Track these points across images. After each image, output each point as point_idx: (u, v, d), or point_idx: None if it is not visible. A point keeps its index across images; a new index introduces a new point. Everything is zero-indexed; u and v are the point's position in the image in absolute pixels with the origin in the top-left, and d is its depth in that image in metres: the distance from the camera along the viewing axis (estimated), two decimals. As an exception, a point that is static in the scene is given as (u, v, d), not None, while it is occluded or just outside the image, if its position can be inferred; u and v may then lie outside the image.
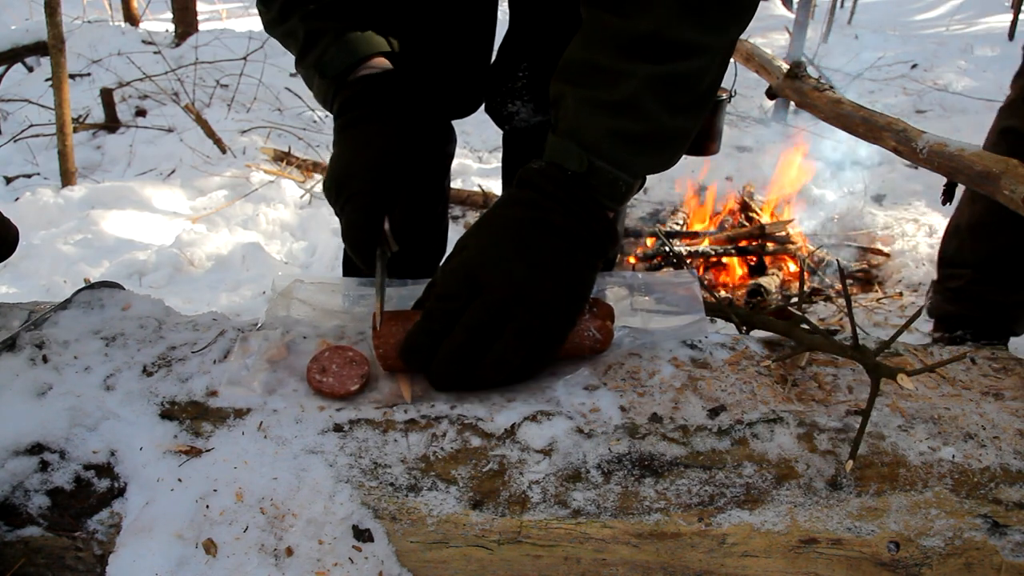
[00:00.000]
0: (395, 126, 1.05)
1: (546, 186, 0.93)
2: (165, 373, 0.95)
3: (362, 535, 0.80)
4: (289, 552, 0.79)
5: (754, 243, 2.99)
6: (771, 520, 0.81)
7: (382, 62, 1.11)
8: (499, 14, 1.41)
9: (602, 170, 0.93)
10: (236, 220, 3.37)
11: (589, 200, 0.94)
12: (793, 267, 2.92)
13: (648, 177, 1.09)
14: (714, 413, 0.89)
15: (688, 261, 2.87)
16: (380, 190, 1.00)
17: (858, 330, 0.93)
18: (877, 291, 2.82)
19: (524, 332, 0.89)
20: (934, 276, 2.13)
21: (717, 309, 1.17)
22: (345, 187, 1.01)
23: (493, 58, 1.41)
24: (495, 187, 3.74)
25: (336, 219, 1.05)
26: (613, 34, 0.91)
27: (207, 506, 0.80)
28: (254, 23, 7.86)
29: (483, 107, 1.45)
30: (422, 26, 1.26)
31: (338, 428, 0.87)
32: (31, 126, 4.40)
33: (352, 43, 1.09)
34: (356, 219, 0.99)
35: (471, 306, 0.89)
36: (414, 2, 1.24)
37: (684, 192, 3.71)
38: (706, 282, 2.85)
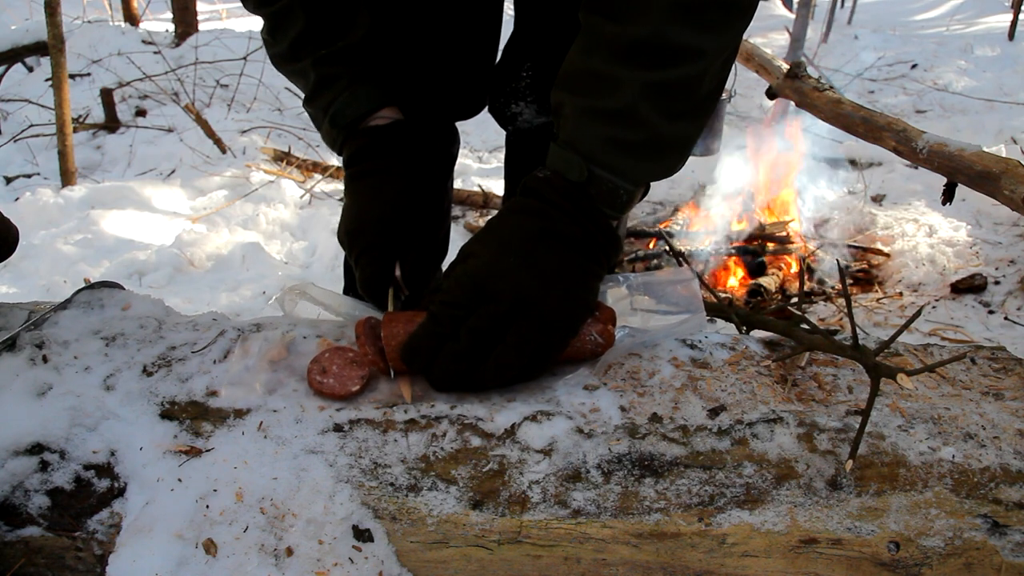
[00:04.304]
0: (404, 179, 1.08)
1: (551, 195, 0.94)
2: (165, 373, 0.95)
3: (362, 535, 0.80)
4: (289, 552, 0.79)
5: (754, 243, 2.99)
6: (771, 520, 0.81)
7: (393, 112, 1.12)
8: (504, 15, 1.41)
9: (601, 179, 0.93)
10: (236, 220, 3.37)
11: (592, 209, 0.94)
12: (794, 267, 2.92)
13: (649, 190, 1.09)
14: (714, 413, 0.89)
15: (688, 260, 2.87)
16: (389, 243, 1.06)
17: (858, 330, 0.93)
18: (877, 291, 2.82)
19: (526, 340, 0.90)
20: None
21: (717, 309, 1.17)
22: (357, 241, 1.07)
23: (498, 59, 1.41)
24: (495, 187, 3.75)
25: (335, 219, 1.07)
26: (609, 40, 0.91)
27: (207, 506, 0.80)
28: (254, 23, 7.85)
29: (486, 108, 1.45)
30: (427, 27, 1.26)
31: (338, 428, 0.87)
32: (31, 126, 4.41)
33: (363, 93, 1.10)
34: (369, 272, 1.05)
35: (476, 312, 0.90)
36: (420, 3, 1.24)
37: (684, 192, 3.71)
38: (706, 280, 2.85)
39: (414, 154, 1.10)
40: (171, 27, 6.52)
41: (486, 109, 1.45)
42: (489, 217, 1.08)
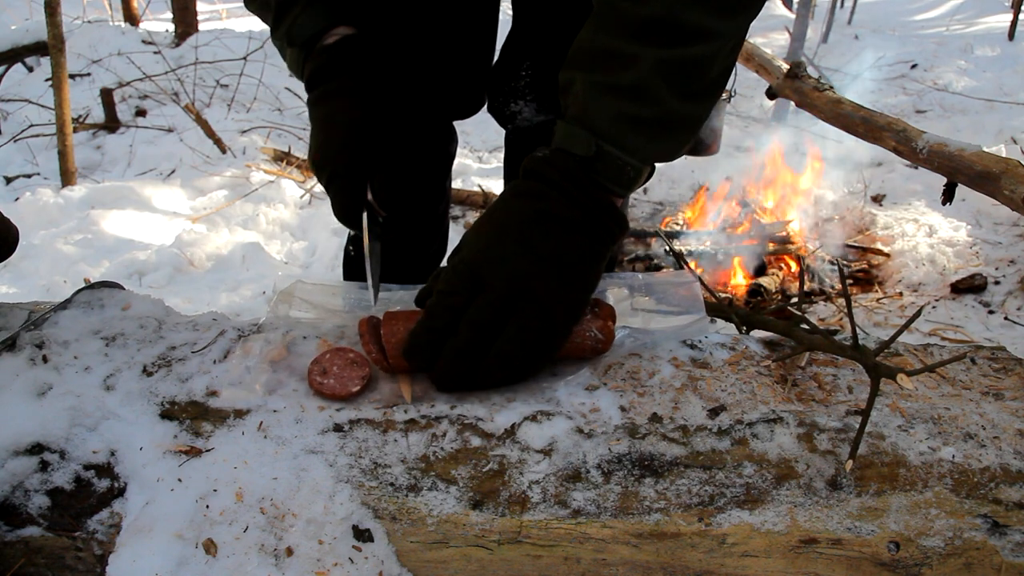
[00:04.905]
0: (360, 97, 1.07)
1: (551, 175, 0.93)
2: (165, 373, 0.95)
3: (362, 535, 0.80)
4: (289, 552, 0.79)
5: (754, 243, 2.99)
6: (771, 520, 0.81)
7: (346, 29, 1.11)
8: (502, 14, 1.41)
9: (610, 155, 0.93)
10: (236, 220, 3.37)
11: (595, 187, 0.93)
12: (794, 267, 2.93)
13: (654, 172, 1.09)
14: (714, 413, 0.89)
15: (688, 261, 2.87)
16: (354, 165, 1.04)
17: (858, 330, 0.93)
18: (877, 291, 2.82)
19: (527, 328, 0.89)
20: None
21: (717, 309, 1.17)
22: (323, 168, 1.06)
23: (496, 58, 1.41)
24: (495, 187, 3.75)
25: (335, 219, 1.08)
26: (624, 18, 0.91)
27: (207, 506, 0.80)
28: (254, 23, 7.86)
29: (485, 107, 1.45)
30: (425, 26, 1.26)
31: (338, 428, 0.87)
32: (31, 126, 4.41)
33: (320, 10, 1.10)
34: (340, 198, 1.04)
35: (473, 303, 0.89)
36: (417, 3, 1.24)
37: (684, 192, 3.71)
38: (705, 280, 2.85)
39: (367, 68, 1.09)
40: (171, 27, 6.51)
41: (485, 108, 1.45)
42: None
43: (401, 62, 1.24)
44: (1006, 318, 2.51)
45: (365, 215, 1.04)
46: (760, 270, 2.93)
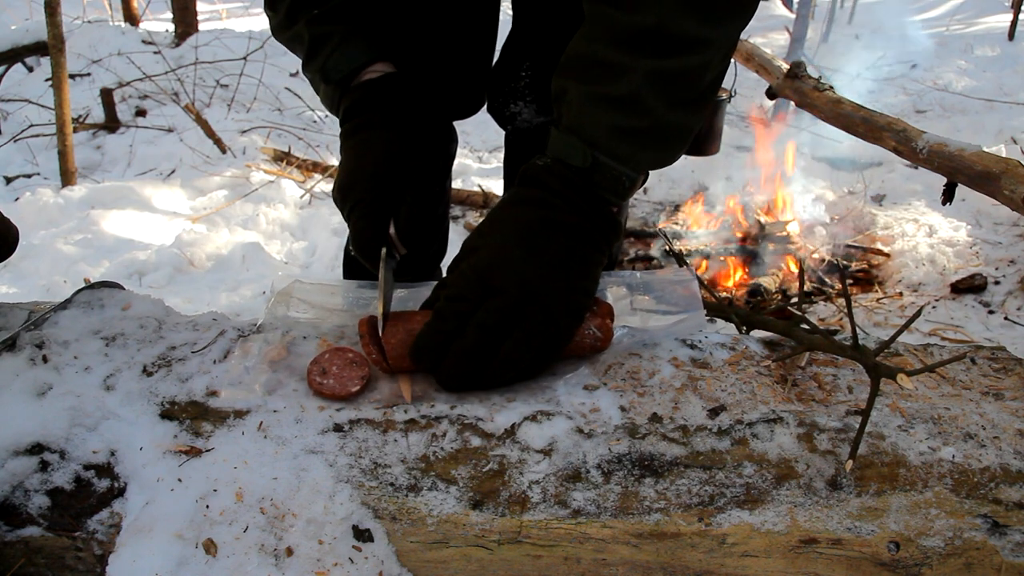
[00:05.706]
0: (396, 131, 1.06)
1: (552, 183, 0.94)
2: (165, 373, 0.95)
3: (362, 535, 0.80)
4: (289, 552, 0.79)
5: (754, 243, 2.99)
6: (771, 520, 0.81)
7: (385, 66, 1.12)
8: (502, 14, 1.41)
9: (605, 165, 0.94)
10: (236, 220, 3.37)
11: (593, 196, 0.95)
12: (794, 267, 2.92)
13: (648, 177, 1.09)
14: (714, 413, 0.89)
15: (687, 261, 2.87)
16: (382, 196, 1.02)
17: (858, 330, 0.93)
18: (877, 291, 2.82)
19: (535, 332, 0.90)
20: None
21: (717, 309, 1.17)
22: (349, 195, 1.03)
23: (496, 58, 1.41)
24: (495, 187, 3.75)
25: (335, 218, 1.07)
26: (615, 28, 0.91)
27: (207, 506, 0.80)
28: (254, 23, 7.86)
29: (485, 107, 1.45)
30: (425, 27, 1.26)
31: (338, 428, 0.87)
32: (31, 126, 4.40)
33: (355, 47, 1.09)
34: (361, 226, 1.02)
35: (483, 307, 0.90)
36: (417, 3, 1.24)
37: (684, 192, 3.71)
38: (705, 280, 2.85)
39: (406, 105, 1.09)
40: (171, 27, 6.52)
41: (485, 109, 1.45)
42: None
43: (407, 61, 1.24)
44: (1006, 318, 2.51)
45: (384, 250, 1.01)
46: (760, 270, 2.93)
